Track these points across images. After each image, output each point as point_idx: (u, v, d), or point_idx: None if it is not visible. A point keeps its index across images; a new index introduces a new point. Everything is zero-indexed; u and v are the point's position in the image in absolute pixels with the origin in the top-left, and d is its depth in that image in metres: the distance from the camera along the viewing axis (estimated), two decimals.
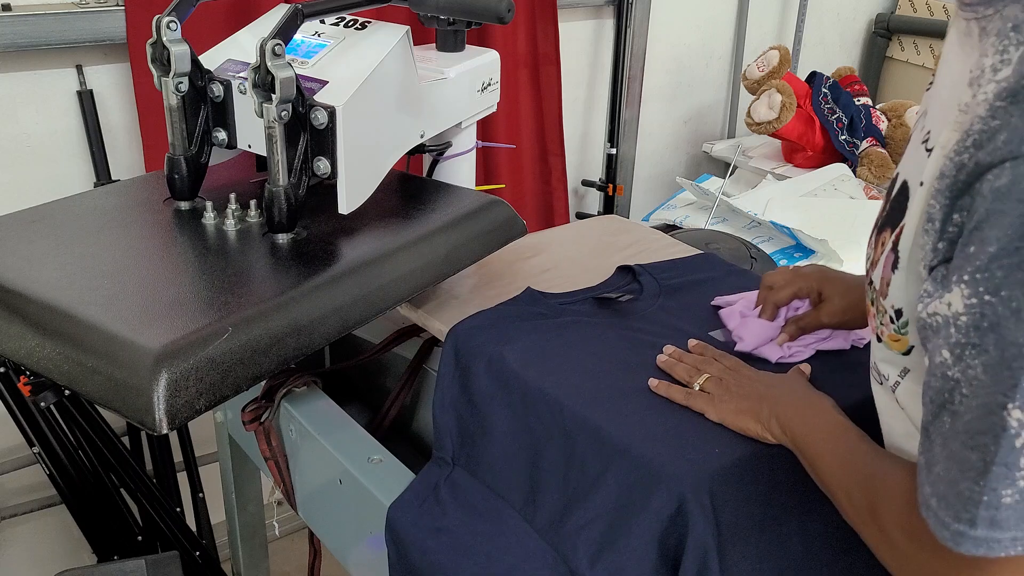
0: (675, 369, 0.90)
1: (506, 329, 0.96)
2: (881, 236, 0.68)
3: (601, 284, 1.10)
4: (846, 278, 0.97)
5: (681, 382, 0.88)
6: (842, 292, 0.95)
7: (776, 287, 0.98)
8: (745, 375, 0.87)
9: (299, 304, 0.86)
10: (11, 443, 1.61)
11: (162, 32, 0.94)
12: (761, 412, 0.81)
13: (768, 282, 1.00)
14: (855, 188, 1.98)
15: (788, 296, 0.98)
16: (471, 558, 0.85)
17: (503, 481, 0.89)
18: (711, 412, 0.83)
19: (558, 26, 2.00)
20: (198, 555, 1.62)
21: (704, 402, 0.84)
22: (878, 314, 0.67)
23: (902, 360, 0.67)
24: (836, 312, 0.95)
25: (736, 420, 0.82)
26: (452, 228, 1.03)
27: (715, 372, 0.87)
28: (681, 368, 0.89)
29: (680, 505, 0.75)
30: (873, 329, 0.69)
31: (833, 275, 0.98)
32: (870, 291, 0.69)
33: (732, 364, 0.89)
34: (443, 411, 0.95)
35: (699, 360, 0.90)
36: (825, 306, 0.96)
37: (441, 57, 1.14)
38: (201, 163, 1.03)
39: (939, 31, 2.54)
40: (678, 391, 0.86)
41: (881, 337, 0.68)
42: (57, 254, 0.92)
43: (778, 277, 1.00)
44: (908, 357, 0.66)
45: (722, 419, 0.83)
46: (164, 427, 0.74)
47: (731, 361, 0.90)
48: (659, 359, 0.91)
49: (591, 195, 2.32)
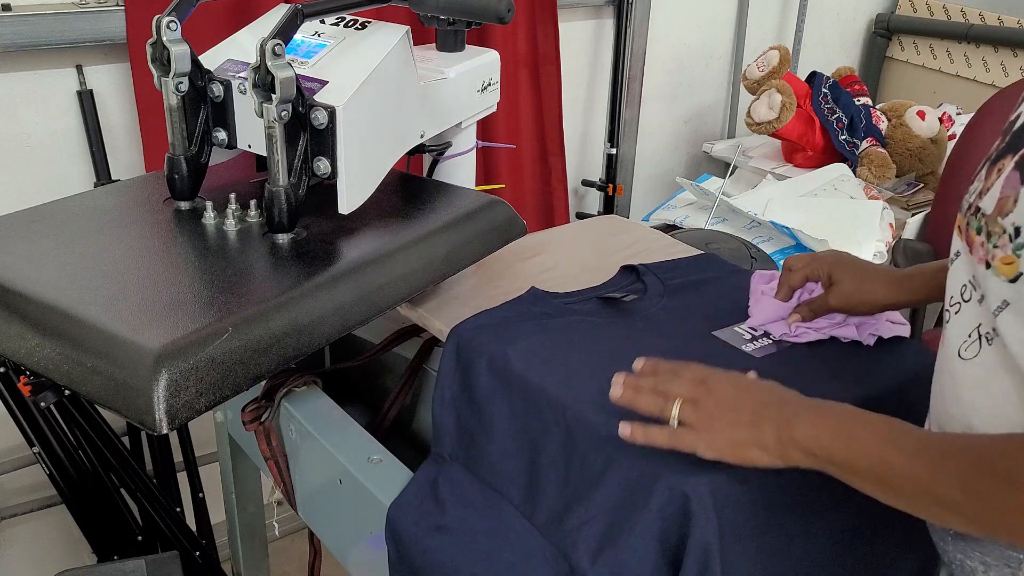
0: (638, 402, 0.77)
1: (509, 328, 0.96)
2: (997, 164, 0.68)
3: (605, 284, 1.10)
4: (858, 263, 0.98)
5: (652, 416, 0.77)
6: (852, 276, 0.96)
7: (793, 270, 0.99)
8: (717, 387, 0.76)
9: (299, 304, 0.86)
10: (11, 443, 1.61)
11: (162, 32, 0.94)
12: (765, 439, 0.71)
13: (788, 264, 1.00)
14: (855, 188, 1.98)
15: (801, 279, 0.98)
16: (471, 556, 0.86)
17: (502, 478, 0.89)
18: (703, 449, 0.73)
19: (558, 26, 2.00)
20: (198, 555, 1.62)
21: (692, 438, 0.73)
22: (988, 240, 0.66)
23: (1006, 290, 0.65)
24: (843, 295, 0.95)
25: (737, 453, 0.72)
26: (452, 228, 1.03)
27: (684, 391, 0.75)
28: (644, 400, 0.77)
29: (682, 504, 0.75)
30: (980, 259, 0.67)
31: (846, 259, 0.98)
32: (975, 220, 0.68)
33: (696, 375, 0.77)
34: (442, 408, 0.95)
35: (659, 382, 0.77)
36: (834, 289, 0.96)
37: (441, 57, 1.14)
38: (201, 163, 1.03)
39: (939, 31, 2.54)
40: (659, 434, 0.75)
41: (991, 262, 0.66)
42: (57, 254, 0.92)
43: (796, 260, 1.00)
44: (1014, 286, 0.64)
45: (720, 456, 0.73)
46: (164, 427, 0.74)
47: (692, 371, 0.78)
48: (612, 395, 0.78)
49: (591, 195, 2.32)
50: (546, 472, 0.85)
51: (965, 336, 0.70)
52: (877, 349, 0.97)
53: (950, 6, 2.52)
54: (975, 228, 0.68)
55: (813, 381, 0.91)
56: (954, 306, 0.72)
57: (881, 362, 0.95)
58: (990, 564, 0.72)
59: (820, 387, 0.86)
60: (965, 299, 0.70)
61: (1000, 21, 2.42)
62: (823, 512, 0.85)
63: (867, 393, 0.88)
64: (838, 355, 0.96)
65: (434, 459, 0.95)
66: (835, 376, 0.92)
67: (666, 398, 0.76)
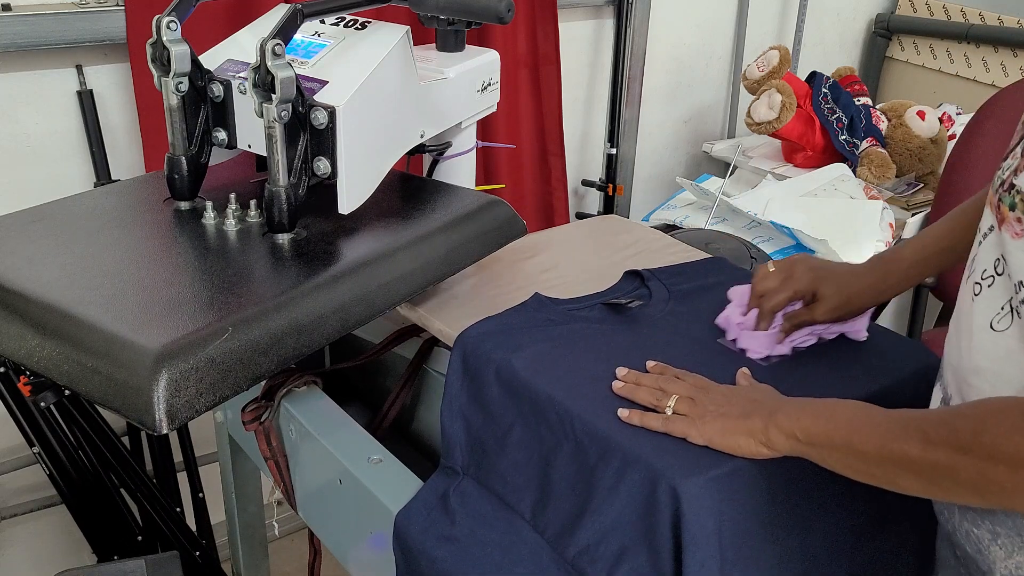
0: (637, 394, 0.85)
1: (514, 336, 0.95)
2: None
3: (609, 289, 1.09)
4: (836, 271, 0.98)
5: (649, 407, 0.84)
6: (836, 289, 0.96)
7: (769, 294, 0.97)
8: (714, 391, 0.84)
9: (299, 304, 0.86)
10: (11, 443, 1.61)
11: (162, 32, 0.94)
12: (752, 426, 0.78)
13: (760, 290, 0.98)
14: (855, 188, 1.98)
15: (784, 302, 0.97)
16: (480, 569, 0.85)
17: (513, 490, 0.88)
18: (694, 435, 0.80)
19: (558, 26, 2.00)
20: (198, 555, 1.62)
21: (684, 425, 0.81)
22: None
23: None
24: (831, 309, 0.96)
25: (725, 440, 0.79)
26: (452, 228, 1.03)
27: (682, 392, 0.84)
28: (644, 392, 0.85)
29: (688, 515, 0.75)
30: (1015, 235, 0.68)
31: (825, 274, 0.98)
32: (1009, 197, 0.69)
33: (697, 382, 0.86)
34: (452, 420, 0.94)
35: (661, 380, 0.86)
36: (820, 305, 0.96)
37: (441, 57, 1.14)
38: (201, 163, 1.03)
39: (939, 31, 2.54)
40: (653, 418, 0.82)
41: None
42: (57, 254, 0.92)
43: (770, 283, 0.98)
44: None
45: (709, 441, 0.79)
46: (164, 427, 0.74)
47: (695, 379, 0.87)
48: (615, 386, 0.87)
49: (591, 195, 2.32)
50: (556, 484, 0.84)
51: (998, 309, 0.71)
52: (878, 349, 0.97)
53: (950, 6, 2.52)
54: (1008, 204, 0.69)
55: (818, 382, 0.92)
56: (987, 279, 0.73)
57: (882, 362, 0.96)
58: (998, 533, 0.72)
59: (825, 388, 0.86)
60: (999, 272, 0.71)
61: (1000, 21, 2.42)
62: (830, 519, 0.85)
63: (868, 393, 0.88)
64: (840, 356, 0.96)
65: (444, 472, 0.94)
66: (839, 377, 0.93)
67: (665, 394, 0.84)
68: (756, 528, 0.79)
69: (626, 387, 0.86)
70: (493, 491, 0.90)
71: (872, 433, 0.70)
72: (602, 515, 0.80)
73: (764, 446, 0.77)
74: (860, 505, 0.87)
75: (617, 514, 0.79)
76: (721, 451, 0.79)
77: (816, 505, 0.84)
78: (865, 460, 0.71)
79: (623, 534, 0.78)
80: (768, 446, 0.77)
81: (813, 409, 0.76)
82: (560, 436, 0.84)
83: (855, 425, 0.72)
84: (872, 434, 0.70)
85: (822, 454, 0.75)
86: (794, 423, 0.76)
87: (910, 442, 0.67)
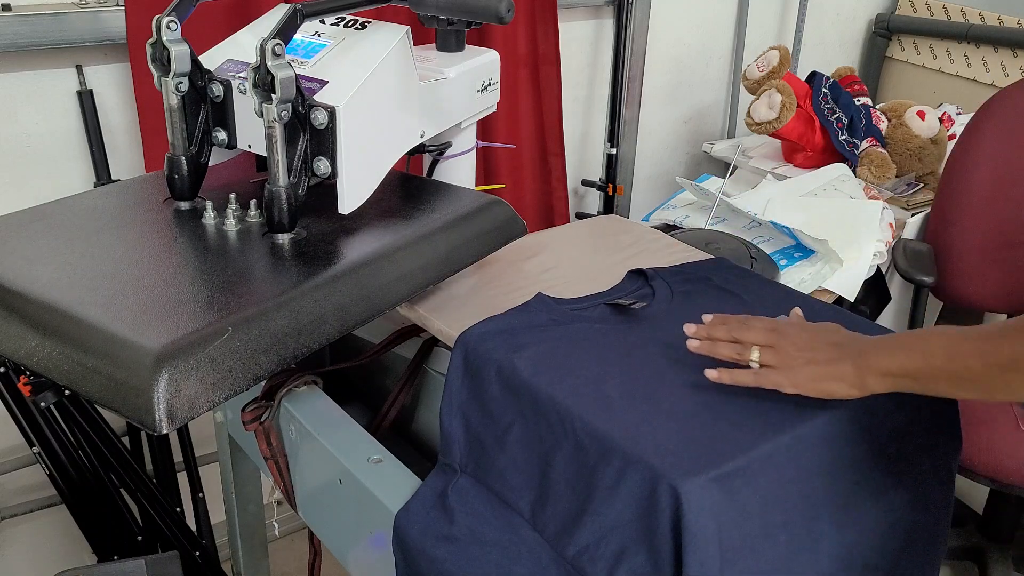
0: (718, 350, 0.87)
1: (517, 336, 0.95)
2: None
3: (612, 289, 1.09)
4: None
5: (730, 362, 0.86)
6: None
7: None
8: (791, 334, 0.85)
9: (299, 304, 0.86)
10: (11, 443, 1.61)
11: (162, 32, 0.94)
12: (843, 371, 0.80)
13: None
14: (855, 188, 1.98)
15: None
16: (479, 567, 0.85)
17: (511, 489, 0.88)
18: (787, 386, 0.82)
19: (558, 26, 2.00)
20: (198, 555, 1.62)
21: (776, 377, 0.83)
22: None
23: None
24: None
25: (817, 386, 0.81)
26: (452, 228, 1.03)
27: (760, 340, 0.85)
28: (724, 347, 0.87)
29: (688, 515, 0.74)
30: None
31: None
32: None
33: (768, 325, 0.87)
34: (451, 417, 0.94)
35: (733, 330, 0.87)
36: None
37: (441, 57, 1.14)
38: (201, 163, 1.03)
39: (939, 31, 2.54)
40: (743, 375, 0.84)
41: None
42: (57, 254, 0.92)
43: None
44: None
45: (802, 390, 0.82)
46: (164, 427, 0.74)
47: (762, 322, 0.88)
48: (691, 344, 0.89)
49: (591, 195, 2.32)
50: (556, 483, 0.84)
51: None
52: None
53: (950, 6, 2.52)
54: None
55: None
56: None
57: None
58: None
59: None
60: None
61: (1000, 21, 2.42)
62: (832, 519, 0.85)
63: None
64: None
65: (442, 469, 0.94)
66: None
67: (744, 346, 0.85)
68: (756, 528, 0.79)
69: (703, 344, 0.88)
70: (491, 489, 0.90)
71: (972, 352, 0.72)
72: (602, 515, 0.80)
73: (856, 388, 0.79)
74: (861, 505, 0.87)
75: (617, 514, 0.79)
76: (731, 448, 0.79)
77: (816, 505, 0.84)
78: (972, 379, 0.73)
79: (623, 534, 0.78)
80: (861, 388, 0.79)
81: (902, 345, 0.78)
82: (560, 435, 0.84)
83: (952, 352, 0.74)
84: (972, 352, 0.72)
85: (926, 385, 0.76)
86: (890, 362, 0.77)
87: (1014, 343, 0.69)
